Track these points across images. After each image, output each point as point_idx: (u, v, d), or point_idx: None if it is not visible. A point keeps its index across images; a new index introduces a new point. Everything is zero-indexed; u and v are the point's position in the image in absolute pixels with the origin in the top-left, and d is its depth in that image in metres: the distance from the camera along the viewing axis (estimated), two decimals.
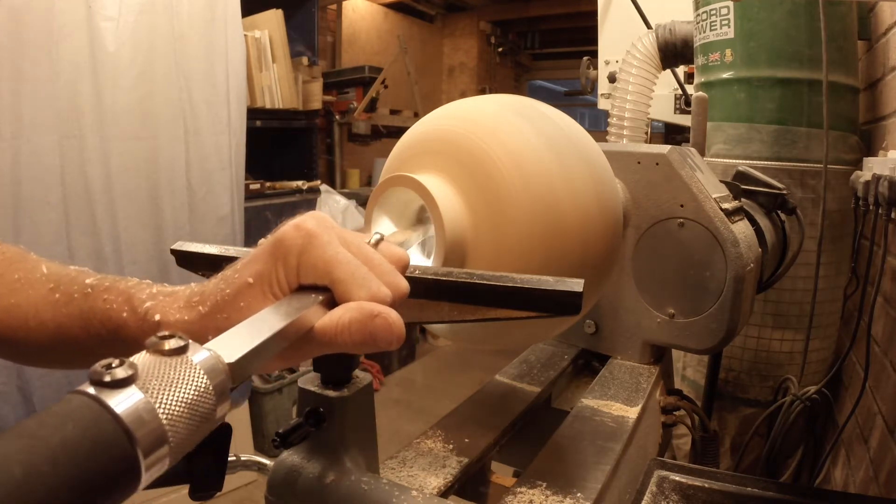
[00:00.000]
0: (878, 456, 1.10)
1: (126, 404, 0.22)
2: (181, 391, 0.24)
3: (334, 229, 0.38)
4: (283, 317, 0.32)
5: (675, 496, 0.59)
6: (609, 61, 2.30)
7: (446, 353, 3.96)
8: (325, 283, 0.36)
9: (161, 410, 0.23)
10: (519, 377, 0.86)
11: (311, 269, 0.36)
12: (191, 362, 0.25)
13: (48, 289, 0.46)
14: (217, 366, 0.26)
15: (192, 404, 0.24)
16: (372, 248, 0.38)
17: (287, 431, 0.48)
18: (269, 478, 0.53)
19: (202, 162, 2.11)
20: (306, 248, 0.36)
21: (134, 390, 0.22)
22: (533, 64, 6.07)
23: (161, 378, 0.24)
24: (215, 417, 0.26)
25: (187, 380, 0.24)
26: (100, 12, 1.78)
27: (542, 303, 0.38)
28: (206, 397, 0.25)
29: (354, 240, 0.38)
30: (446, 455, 0.65)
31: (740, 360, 1.39)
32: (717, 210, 0.79)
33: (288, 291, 0.36)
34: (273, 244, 0.37)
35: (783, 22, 1.27)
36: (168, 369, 0.24)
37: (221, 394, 0.26)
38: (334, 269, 0.35)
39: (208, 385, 0.25)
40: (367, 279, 0.36)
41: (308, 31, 3.03)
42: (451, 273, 0.41)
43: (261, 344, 0.29)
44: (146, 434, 0.22)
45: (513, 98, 0.62)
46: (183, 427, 0.24)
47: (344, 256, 0.36)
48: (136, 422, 0.22)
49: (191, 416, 0.24)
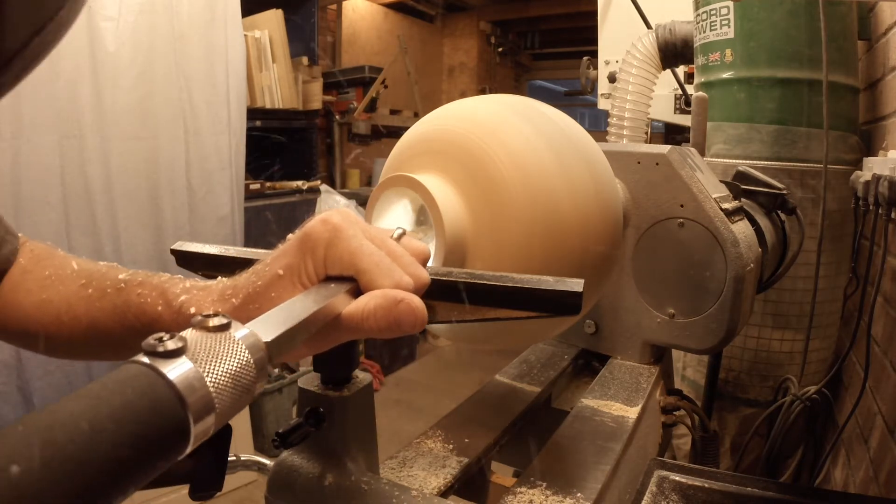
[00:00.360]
0: (878, 456, 1.10)
1: (178, 371, 0.24)
2: (226, 363, 0.26)
3: (359, 224, 0.40)
4: (312, 303, 0.34)
5: (675, 496, 0.59)
6: (609, 61, 2.30)
7: (446, 353, 3.96)
8: (351, 274, 0.38)
9: (209, 379, 0.25)
10: (519, 377, 0.86)
11: (337, 260, 0.38)
12: (234, 338, 0.27)
13: (80, 284, 0.47)
14: (257, 343, 0.28)
15: (236, 375, 0.26)
16: (394, 242, 0.40)
17: (287, 431, 0.48)
18: (269, 478, 0.53)
19: (202, 162, 2.11)
20: (333, 241, 0.38)
21: (184, 360, 0.24)
22: (533, 64, 6.07)
23: (208, 350, 0.26)
24: (255, 390, 0.28)
25: (231, 353, 0.26)
26: (100, 12, 1.78)
27: (542, 303, 0.38)
28: (248, 370, 0.27)
29: (378, 234, 0.40)
30: (446, 455, 0.65)
31: (740, 360, 1.39)
32: (717, 210, 0.79)
33: (316, 282, 0.38)
34: (301, 238, 0.39)
35: (783, 22, 1.27)
36: (214, 343, 0.26)
37: (261, 369, 0.28)
38: (359, 259, 0.37)
39: (250, 359, 0.27)
40: (391, 269, 0.38)
41: (308, 31, 3.03)
42: (451, 273, 0.41)
43: (294, 326, 0.31)
44: (196, 400, 0.24)
45: (513, 98, 0.62)
46: (228, 396, 0.26)
47: (368, 248, 0.38)
48: (187, 388, 0.24)
49: (234, 387, 0.26)
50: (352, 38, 4.28)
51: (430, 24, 5.15)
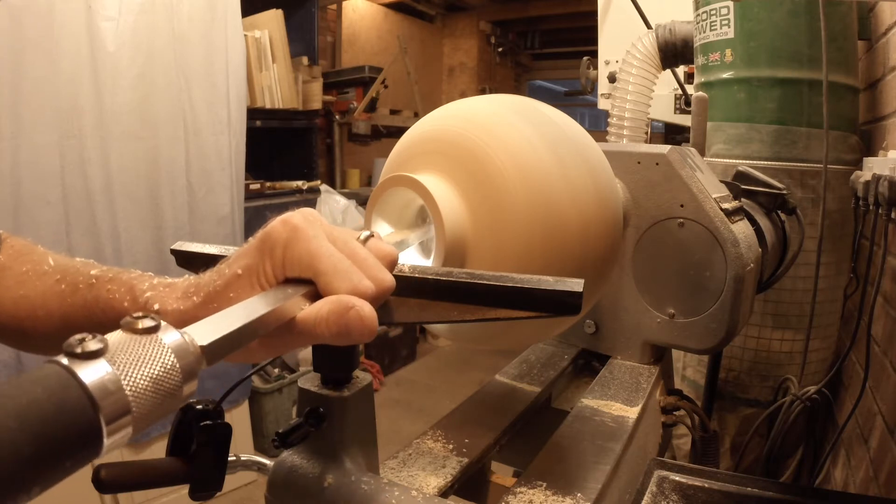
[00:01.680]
0: (878, 456, 1.10)
1: (93, 375, 0.23)
2: (147, 367, 0.25)
3: (321, 225, 0.39)
4: (263, 306, 0.33)
5: (675, 496, 0.59)
6: (609, 61, 2.30)
7: (446, 353, 3.96)
8: (309, 276, 0.37)
9: (126, 383, 0.24)
10: (519, 377, 0.86)
11: (295, 261, 0.37)
12: (160, 341, 0.27)
13: (55, 280, 0.47)
14: (187, 347, 0.27)
15: (158, 380, 0.26)
16: (359, 244, 0.39)
17: (287, 431, 0.48)
18: (269, 478, 0.53)
19: (202, 162, 2.11)
20: (291, 242, 0.37)
21: (102, 363, 0.24)
22: (533, 64, 6.07)
23: (130, 353, 0.25)
24: (182, 395, 0.27)
25: (155, 357, 0.26)
26: (100, 12, 1.78)
27: (542, 303, 0.38)
28: (172, 375, 0.26)
29: (342, 235, 0.39)
30: (446, 455, 0.65)
31: (740, 360, 1.39)
32: (717, 210, 0.79)
33: (274, 283, 0.37)
34: (261, 238, 0.38)
35: (783, 22, 1.27)
36: (138, 346, 0.26)
37: (189, 373, 0.27)
38: (317, 261, 0.37)
39: (175, 363, 0.26)
40: (350, 272, 0.37)
41: (308, 31, 3.03)
42: (451, 273, 0.41)
43: (236, 330, 0.31)
44: (110, 403, 0.24)
45: (513, 98, 0.62)
46: (147, 400, 0.25)
47: (328, 249, 0.37)
48: (100, 391, 0.23)
49: (155, 391, 0.26)
50: (352, 38, 4.28)
51: (430, 24, 5.15)
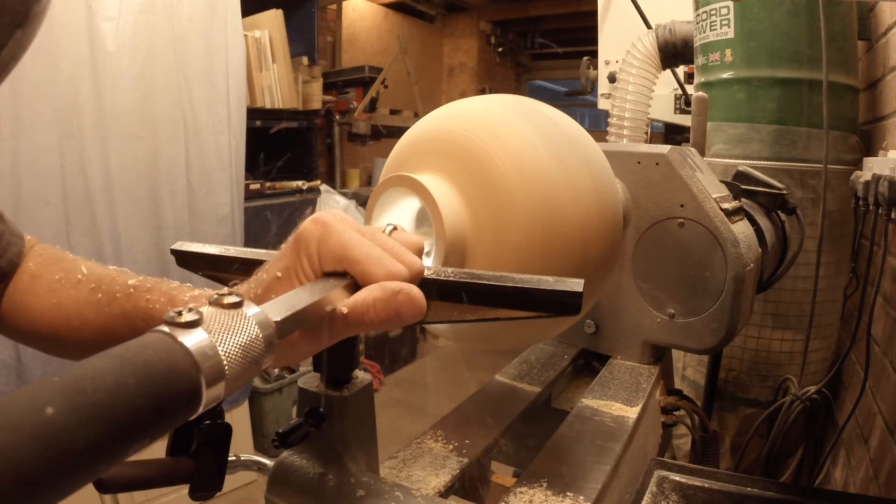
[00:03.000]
0: (878, 456, 1.10)
1: (193, 340, 0.27)
2: (237, 336, 0.29)
3: (349, 221, 0.41)
4: (311, 295, 0.36)
5: (675, 496, 0.59)
6: (609, 61, 2.30)
7: (446, 353, 3.96)
8: (345, 268, 0.39)
9: (221, 349, 0.28)
10: (519, 377, 0.86)
11: (330, 254, 0.39)
12: (245, 315, 0.30)
13: (90, 289, 0.49)
14: (266, 320, 0.31)
15: (246, 347, 0.29)
16: (386, 235, 0.41)
17: (287, 431, 0.48)
18: (269, 478, 0.53)
19: (202, 162, 2.11)
20: (324, 237, 0.39)
21: (200, 331, 0.27)
22: (533, 64, 6.07)
23: (221, 324, 0.28)
24: (263, 362, 0.30)
25: (242, 327, 0.29)
26: (100, 12, 1.78)
27: (542, 303, 0.38)
28: (257, 343, 0.30)
29: (369, 229, 0.41)
30: (446, 455, 0.65)
31: (740, 360, 1.39)
32: (717, 210, 0.79)
33: (313, 279, 0.39)
34: (295, 239, 0.40)
35: (783, 22, 1.27)
36: (227, 318, 0.29)
37: (269, 344, 0.31)
38: (350, 251, 0.38)
39: (259, 334, 0.30)
40: (383, 258, 0.38)
41: (308, 31, 3.03)
42: (450, 273, 0.41)
43: (299, 311, 0.34)
44: (209, 366, 0.27)
45: (513, 98, 0.62)
46: (237, 365, 0.28)
47: (359, 240, 0.39)
48: (201, 355, 0.26)
49: (244, 357, 0.29)
50: (352, 38, 4.28)
51: (430, 24, 5.15)
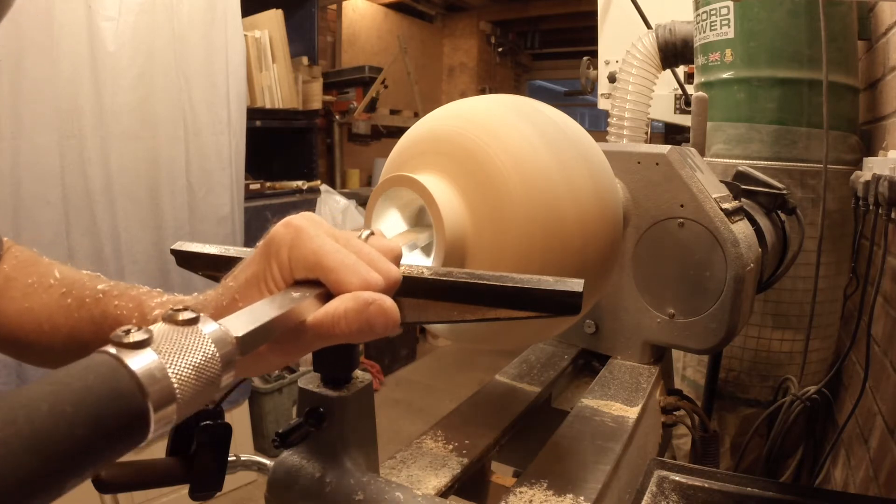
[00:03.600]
0: (878, 456, 1.10)
1: (141, 363, 0.25)
2: (191, 356, 0.27)
3: (322, 225, 0.39)
4: (278, 306, 0.34)
5: (675, 496, 0.59)
6: (609, 61, 2.29)
7: (446, 353, 3.96)
8: (317, 276, 0.37)
9: (171, 371, 0.26)
10: (519, 377, 0.86)
11: (301, 261, 0.37)
12: (201, 332, 0.28)
13: (61, 293, 0.48)
14: (225, 337, 0.29)
15: (200, 368, 0.27)
16: (361, 241, 0.39)
17: (287, 431, 0.48)
18: (269, 478, 0.53)
19: (202, 162, 2.11)
20: (295, 242, 0.37)
21: (149, 351, 0.25)
22: (533, 64, 6.07)
23: (173, 343, 0.26)
24: (220, 383, 0.28)
25: (197, 346, 0.27)
26: (100, 12, 1.78)
27: (543, 303, 0.38)
28: (213, 363, 0.28)
29: (343, 234, 0.39)
30: (446, 455, 0.65)
31: (740, 360, 1.39)
32: (717, 210, 0.79)
33: (283, 287, 0.37)
34: (265, 244, 0.38)
35: (783, 22, 1.27)
36: (180, 336, 0.27)
37: (228, 363, 0.28)
38: (323, 259, 0.36)
39: (215, 353, 0.28)
40: (357, 266, 0.37)
41: (308, 31, 3.03)
42: (451, 273, 0.41)
43: (266, 323, 0.32)
44: (157, 390, 0.25)
45: (513, 98, 0.62)
46: (190, 387, 0.26)
47: (332, 246, 0.37)
48: (148, 378, 0.25)
49: (198, 379, 0.27)
50: (352, 38, 4.28)
51: (430, 24, 5.15)
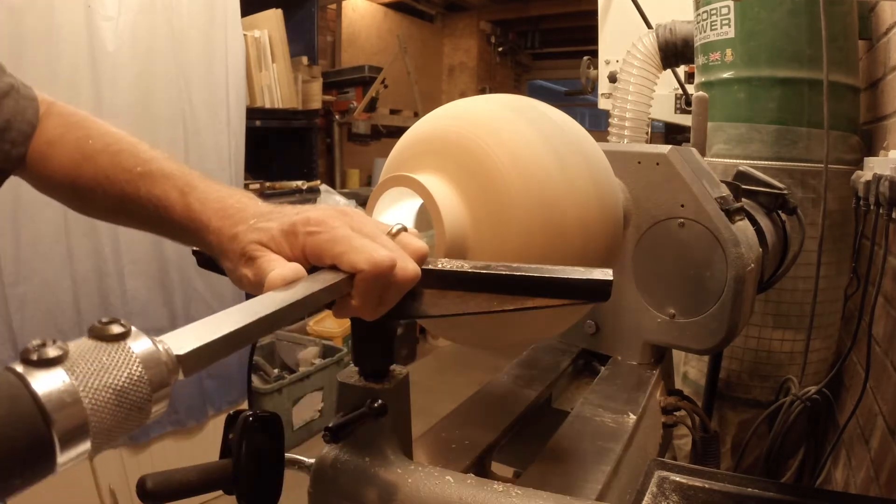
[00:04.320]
0: (879, 456, 1.10)
1: (48, 385, 0.21)
2: (111, 377, 0.23)
3: (346, 216, 0.42)
4: (250, 314, 0.32)
5: (676, 497, 0.59)
6: (609, 61, 2.29)
7: (446, 354, 3.96)
8: (329, 261, 0.39)
9: (84, 394, 0.22)
10: (519, 377, 0.85)
11: (317, 249, 0.40)
12: (128, 349, 0.24)
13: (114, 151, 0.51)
14: (158, 356, 0.25)
15: (122, 391, 0.24)
16: (387, 237, 0.41)
17: (340, 425, 0.47)
18: (312, 474, 0.53)
19: (201, 162, 2.11)
20: (312, 231, 0.40)
21: (60, 372, 0.22)
22: (533, 63, 6.07)
23: (92, 362, 0.23)
24: (150, 409, 0.25)
25: (120, 367, 0.24)
26: (99, 12, 1.78)
27: (579, 291, 0.41)
28: (140, 386, 0.24)
29: (370, 225, 0.42)
30: (446, 456, 0.64)
31: (741, 360, 1.39)
32: (717, 210, 0.79)
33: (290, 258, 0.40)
34: (291, 223, 0.41)
35: (784, 21, 1.27)
36: (102, 355, 0.24)
37: (159, 385, 0.25)
38: (336, 245, 0.39)
39: (142, 374, 0.24)
40: (365, 245, 0.39)
41: (308, 31, 3.03)
42: (490, 266, 0.43)
43: (221, 338, 0.29)
44: (64, 416, 0.22)
45: (513, 98, 0.62)
46: (108, 414, 0.23)
47: (345, 233, 0.40)
48: (54, 403, 0.21)
49: (119, 404, 0.23)
50: (351, 37, 4.28)
51: (430, 23, 5.15)
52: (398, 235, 0.42)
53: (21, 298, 1.66)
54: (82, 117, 0.55)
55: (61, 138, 0.53)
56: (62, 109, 0.56)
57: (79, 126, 0.54)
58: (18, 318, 1.66)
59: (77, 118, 0.55)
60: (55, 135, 0.53)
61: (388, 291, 0.40)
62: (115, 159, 0.50)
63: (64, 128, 0.54)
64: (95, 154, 0.51)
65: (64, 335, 1.76)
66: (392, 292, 0.41)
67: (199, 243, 0.46)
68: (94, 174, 0.50)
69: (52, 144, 0.53)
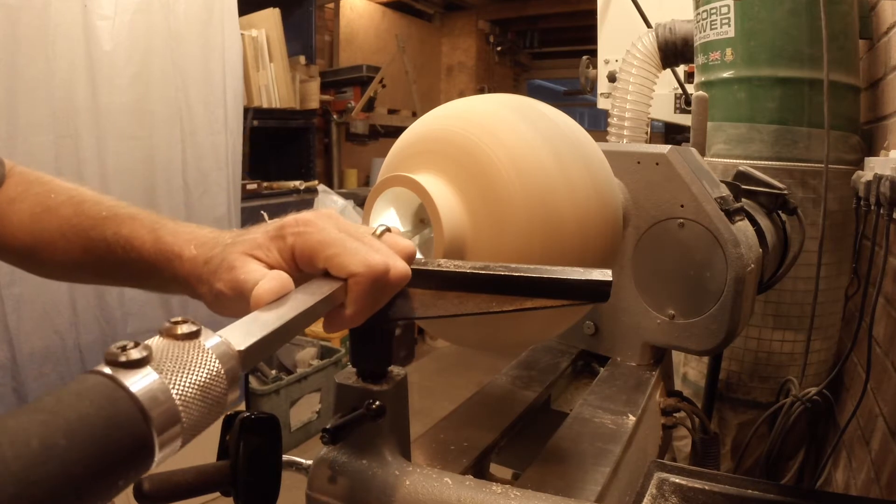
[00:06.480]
0: (880, 458, 1.09)
1: (141, 384, 0.22)
2: (195, 374, 0.24)
3: (332, 219, 0.40)
4: (289, 309, 0.33)
5: (675, 498, 0.58)
6: (608, 60, 2.29)
7: (444, 355, 3.95)
8: (320, 263, 0.38)
9: (175, 391, 0.23)
10: (518, 378, 0.85)
11: (306, 250, 0.38)
12: (203, 347, 0.26)
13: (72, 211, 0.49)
14: (228, 352, 0.27)
15: (205, 387, 0.25)
16: (373, 237, 0.41)
17: (339, 426, 0.47)
18: (310, 475, 0.52)
19: (199, 162, 2.10)
20: (301, 231, 0.39)
21: (149, 371, 0.23)
22: (532, 63, 6.07)
23: (175, 360, 0.24)
24: (226, 402, 0.26)
25: (200, 363, 0.25)
26: (96, 11, 1.77)
27: (578, 291, 0.41)
28: (219, 381, 0.25)
29: (355, 229, 0.41)
30: (445, 457, 0.64)
31: (741, 361, 1.38)
32: (717, 210, 0.79)
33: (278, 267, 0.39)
34: (275, 227, 0.40)
35: (784, 21, 1.27)
36: (182, 353, 0.25)
37: (233, 379, 0.26)
38: (326, 247, 0.38)
39: (220, 369, 0.26)
40: (358, 248, 0.38)
41: (305, 30, 3.03)
42: (488, 266, 0.43)
43: (268, 335, 0.30)
44: (161, 413, 0.22)
45: (511, 97, 0.61)
46: (196, 409, 0.24)
47: (336, 235, 0.39)
48: (151, 401, 0.22)
49: (203, 399, 0.25)
50: (349, 37, 4.27)
51: (429, 23, 5.15)
52: (383, 236, 0.42)
53: (17, 299, 1.65)
54: (43, 175, 0.54)
55: (22, 194, 0.51)
56: (23, 170, 0.54)
57: (39, 182, 0.52)
58: (14, 319, 1.65)
59: (37, 175, 0.54)
60: (16, 192, 0.51)
61: (382, 294, 0.40)
62: (78, 208, 0.48)
63: (24, 185, 0.52)
64: (58, 206, 0.49)
65: (60, 336, 1.76)
66: (385, 295, 0.40)
67: (169, 278, 0.44)
68: (58, 225, 0.48)
69: (13, 202, 0.51)
